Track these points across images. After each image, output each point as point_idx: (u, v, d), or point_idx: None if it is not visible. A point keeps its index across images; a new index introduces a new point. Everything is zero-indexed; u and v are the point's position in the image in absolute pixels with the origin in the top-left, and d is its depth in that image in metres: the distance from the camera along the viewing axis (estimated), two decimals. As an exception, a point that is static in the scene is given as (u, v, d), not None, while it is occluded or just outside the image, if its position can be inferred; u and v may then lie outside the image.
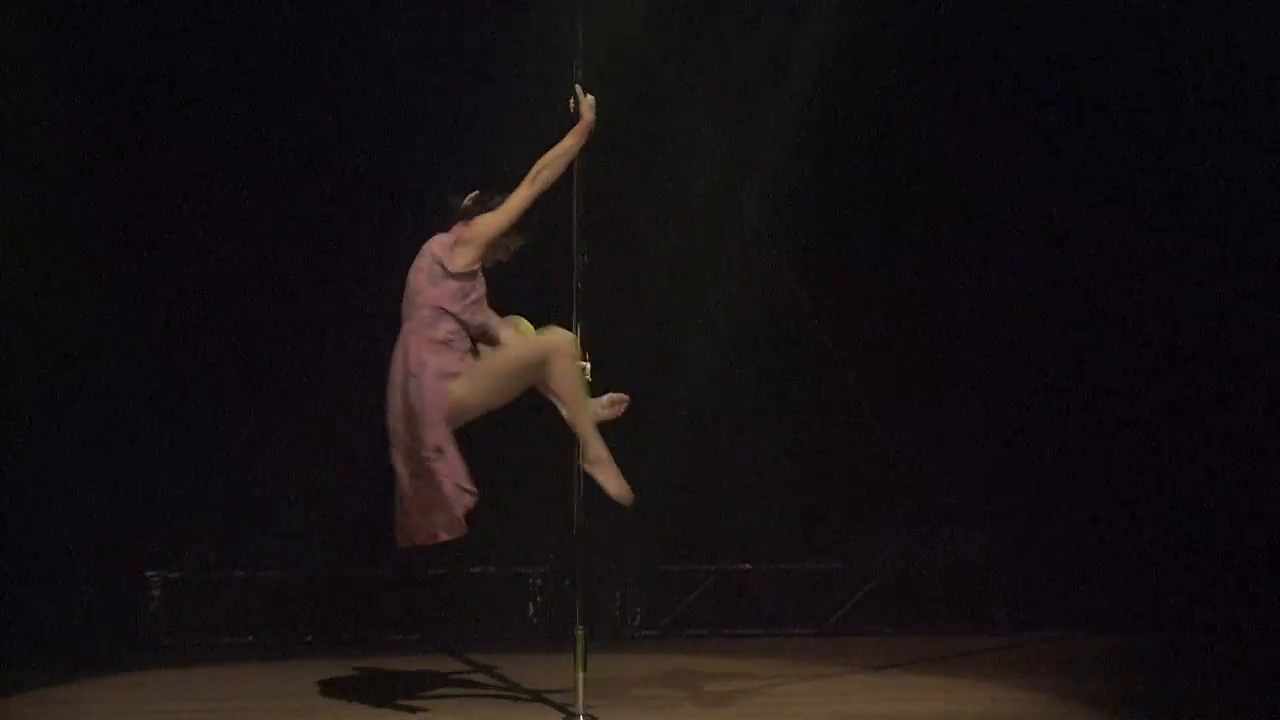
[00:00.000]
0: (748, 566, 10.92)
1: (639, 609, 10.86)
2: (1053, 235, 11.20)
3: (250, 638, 10.36)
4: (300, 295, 10.98)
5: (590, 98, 7.86)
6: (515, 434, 10.01)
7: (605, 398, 7.97)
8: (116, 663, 9.62)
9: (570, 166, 7.78)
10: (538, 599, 10.76)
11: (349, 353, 10.70)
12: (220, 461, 10.80)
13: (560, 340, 7.71)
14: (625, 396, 7.96)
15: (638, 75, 10.70)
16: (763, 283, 11.31)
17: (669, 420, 10.84)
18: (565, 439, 7.98)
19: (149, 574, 10.45)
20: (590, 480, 7.81)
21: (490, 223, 7.72)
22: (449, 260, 7.72)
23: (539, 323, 7.94)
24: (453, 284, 7.72)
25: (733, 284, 11.23)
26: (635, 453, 10.23)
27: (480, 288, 7.75)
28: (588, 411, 7.78)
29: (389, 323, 9.96)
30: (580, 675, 7.80)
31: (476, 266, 7.73)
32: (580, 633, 7.82)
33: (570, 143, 7.78)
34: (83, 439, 10.74)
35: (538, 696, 8.49)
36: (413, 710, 8.04)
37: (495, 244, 7.81)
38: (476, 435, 10.30)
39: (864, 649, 10.04)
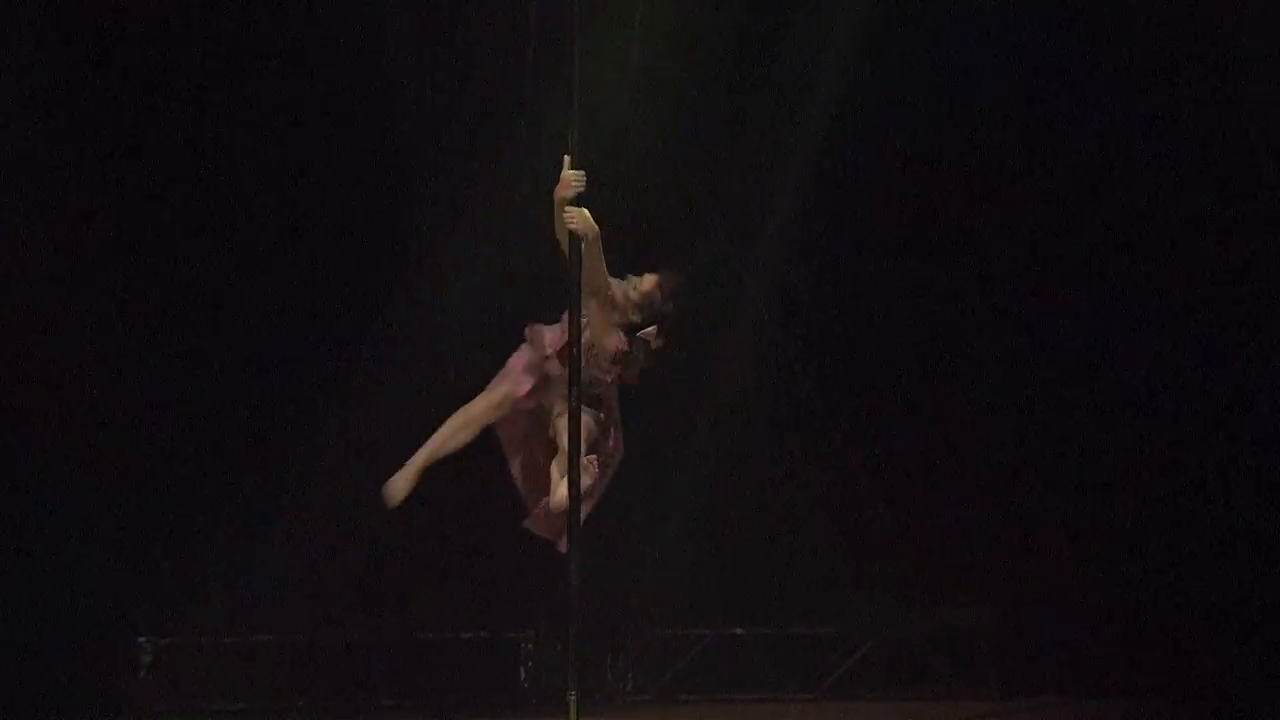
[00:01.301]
0: (741, 631, 10.93)
1: (631, 674, 10.83)
2: (1039, 313, 11.14)
3: (242, 705, 10.33)
4: (290, 359, 10.92)
5: (584, 211, 7.76)
6: (505, 500, 9.82)
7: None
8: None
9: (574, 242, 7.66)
10: (529, 664, 10.72)
11: (343, 419, 10.67)
12: (211, 526, 10.65)
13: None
14: (593, 460, 8.00)
15: (636, 141, 10.65)
16: (760, 355, 11.28)
17: (665, 487, 10.85)
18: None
19: (140, 640, 10.39)
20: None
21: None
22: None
23: None
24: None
25: (732, 357, 11.20)
26: (630, 520, 10.44)
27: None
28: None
29: (378, 391, 10.36)
30: (572, 741, 7.96)
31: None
32: (573, 698, 7.73)
33: (593, 255, 7.71)
34: (73, 501, 10.50)
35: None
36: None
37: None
38: (467, 501, 10.44)
39: (858, 714, 10.24)
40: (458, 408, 9.03)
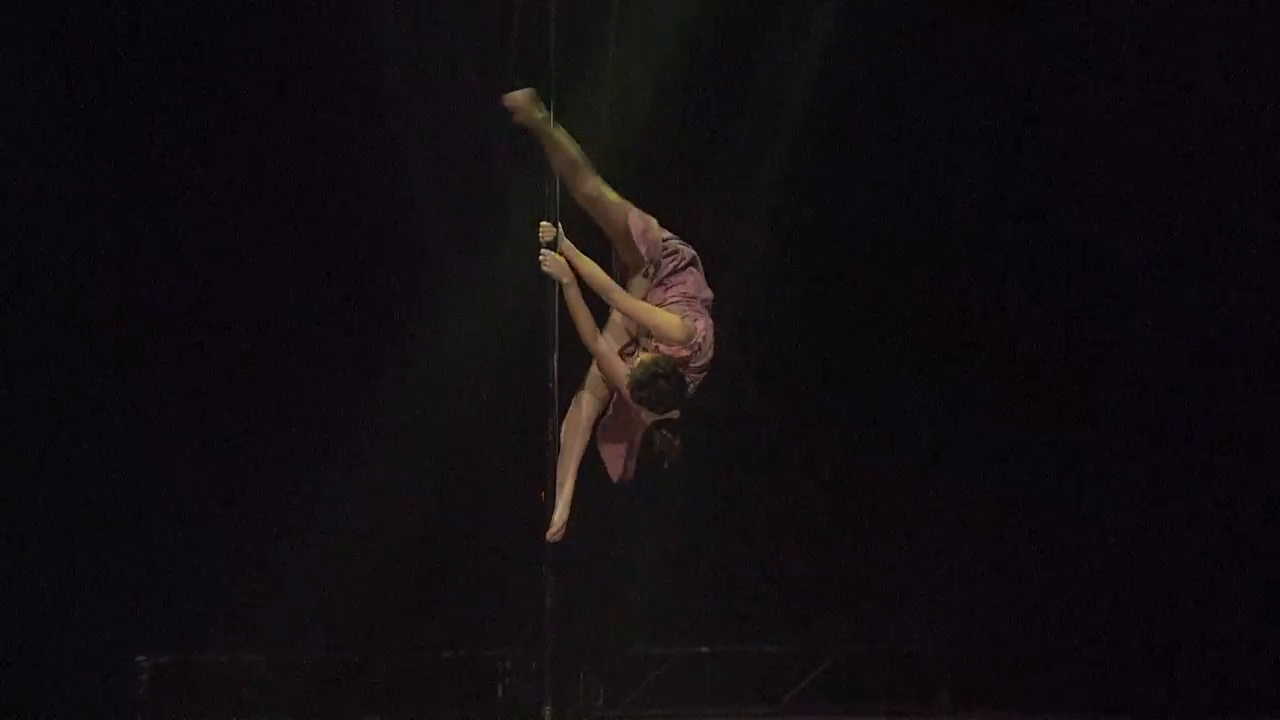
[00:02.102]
0: (705, 649, 11.02)
1: (603, 690, 10.86)
2: (1000, 344, 11.18)
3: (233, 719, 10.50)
4: (293, 386, 10.92)
5: (558, 256, 7.87)
6: (484, 522, 10.60)
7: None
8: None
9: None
10: (507, 681, 10.78)
11: (342, 449, 10.74)
12: (207, 552, 10.70)
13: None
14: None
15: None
16: (719, 388, 11.09)
17: (634, 514, 10.79)
18: (533, 527, 8.13)
19: (139, 659, 10.50)
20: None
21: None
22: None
23: None
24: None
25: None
26: (601, 545, 10.49)
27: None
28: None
29: (378, 422, 10.60)
30: (546, 754, 8.16)
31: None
32: (548, 713, 8.12)
33: (571, 299, 7.80)
34: (76, 524, 10.61)
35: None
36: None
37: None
38: (450, 532, 10.76)
39: None
40: (459, 434, 9.62)
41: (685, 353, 7.62)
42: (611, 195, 7.84)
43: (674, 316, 7.68)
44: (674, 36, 11.08)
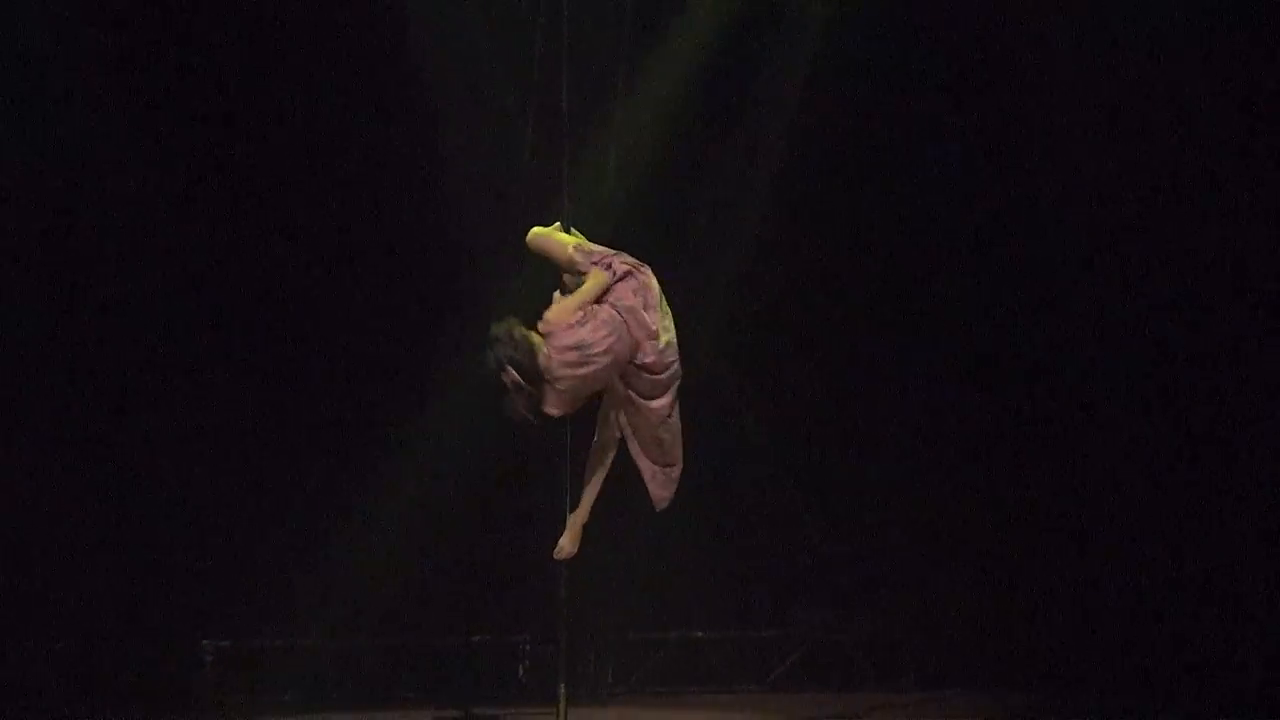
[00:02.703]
0: (701, 634, 11.38)
1: (611, 670, 11.22)
2: (972, 334, 11.35)
3: (287, 699, 10.75)
4: (334, 396, 11.10)
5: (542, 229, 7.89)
6: (508, 523, 10.90)
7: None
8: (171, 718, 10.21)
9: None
10: (526, 662, 11.12)
11: (390, 448, 10.95)
12: (262, 547, 10.88)
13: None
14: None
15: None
16: (702, 387, 10.79)
17: (639, 514, 10.25)
18: (552, 528, 8.22)
19: (204, 643, 10.83)
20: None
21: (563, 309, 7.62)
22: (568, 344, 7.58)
23: None
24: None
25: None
26: (608, 542, 9.81)
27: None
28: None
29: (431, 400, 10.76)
30: (563, 727, 8.41)
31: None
32: (563, 690, 8.43)
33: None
34: (142, 515, 10.87)
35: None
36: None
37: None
38: (475, 527, 10.94)
39: (799, 704, 10.60)
40: (489, 441, 9.67)
41: (545, 330, 7.52)
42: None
43: (570, 303, 7.62)
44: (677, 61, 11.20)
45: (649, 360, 7.63)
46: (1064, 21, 10.95)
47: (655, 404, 7.71)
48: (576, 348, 7.53)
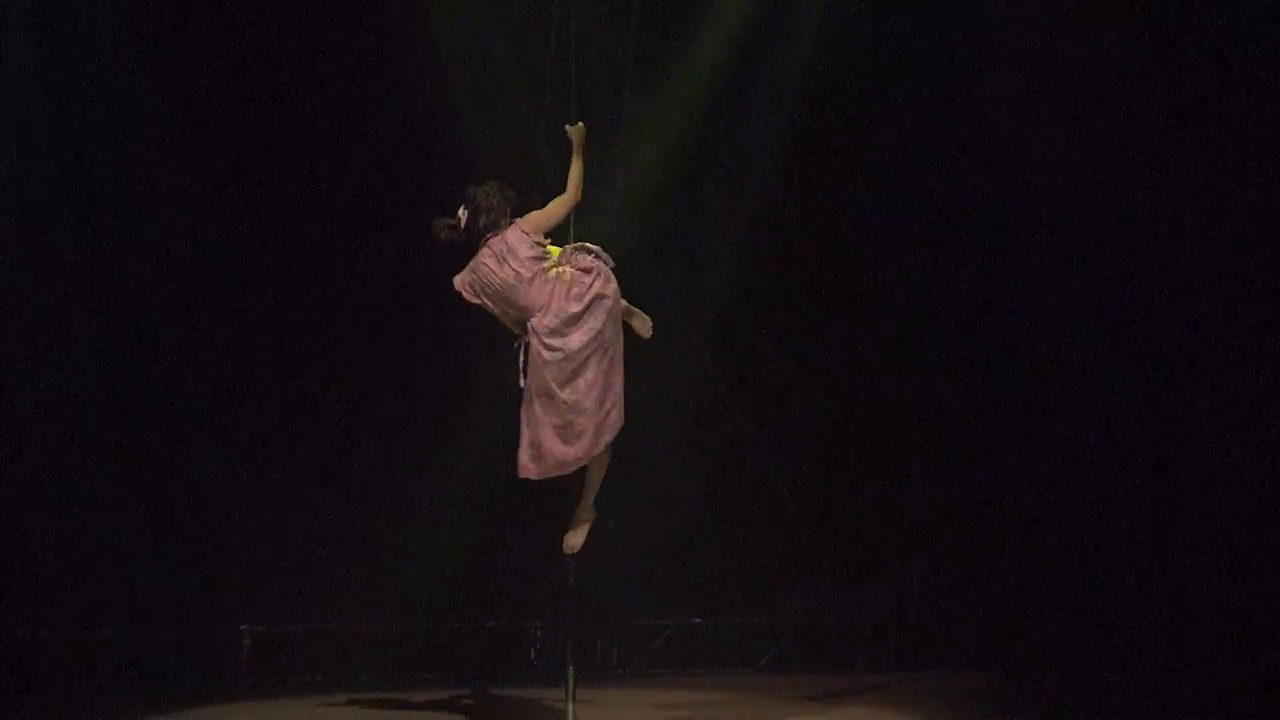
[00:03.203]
0: (699, 620, 11.54)
1: (616, 654, 11.41)
2: (957, 338, 11.55)
3: (319, 678, 10.98)
4: (376, 396, 11.28)
5: (580, 125, 8.52)
6: (521, 518, 10.99)
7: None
8: (212, 697, 10.37)
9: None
10: (538, 646, 11.31)
11: (414, 451, 11.16)
12: (297, 538, 11.16)
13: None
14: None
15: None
16: (697, 388, 11.53)
17: (641, 507, 11.27)
18: (563, 522, 8.73)
19: (242, 627, 11.06)
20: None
21: (546, 217, 8.45)
22: (534, 231, 8.42)
23: None
24: (542, 244, 8.47)
25: (670, 378, 11.28)
26: (615, 535, 10.80)
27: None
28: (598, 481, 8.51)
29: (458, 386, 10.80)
30: (571, 706, 8.79)
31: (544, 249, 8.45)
32: (571, 672, 8.73)
33: (579, 165, 8.50)
34: (184, 507, 11.04)
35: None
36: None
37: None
38: (494, 521, 11.10)
39: (789, 685, 10.76)
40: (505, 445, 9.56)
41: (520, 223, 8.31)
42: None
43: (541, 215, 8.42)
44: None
45: (541, 323, 8.32)
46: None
47: (564, 393, 8.33)
48: (511, 251, 8.33)
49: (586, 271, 8.48)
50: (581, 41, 9.03)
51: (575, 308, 8.37)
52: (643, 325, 8.64)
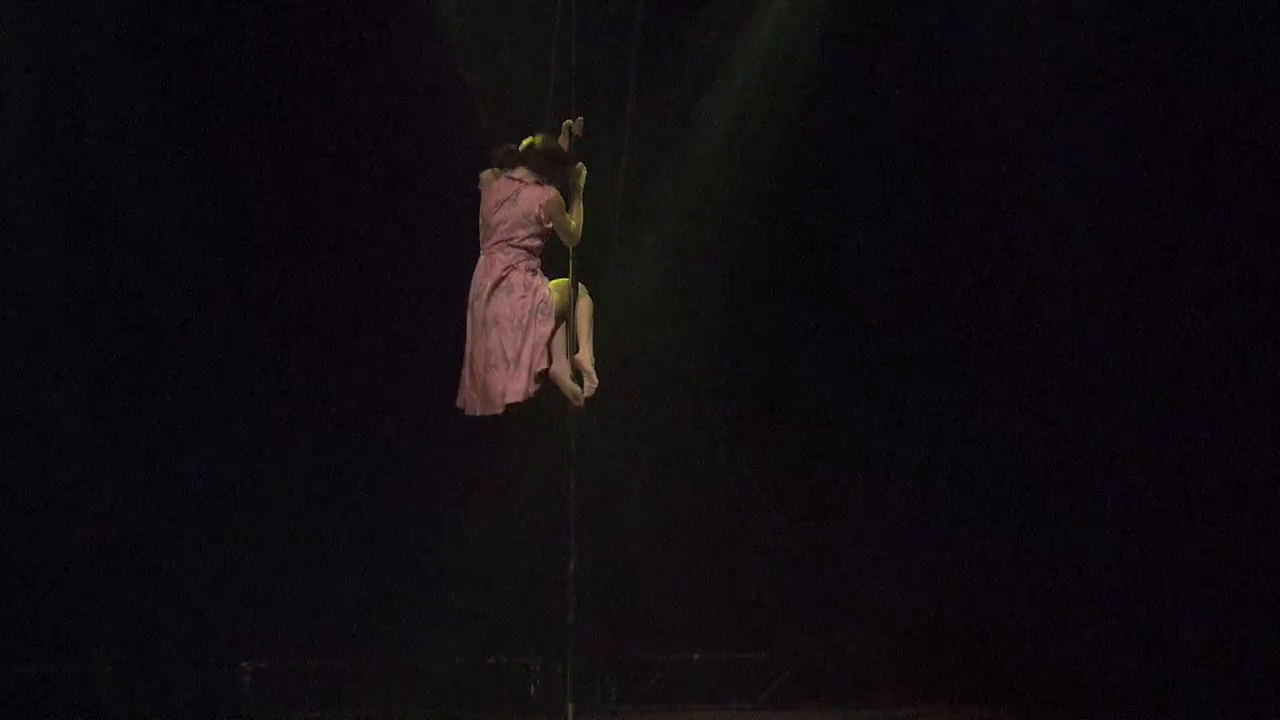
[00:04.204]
0: (696, 656, 11.63)
1: (614, 690, 11.46)
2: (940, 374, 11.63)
3: (317, 714, 10.95)
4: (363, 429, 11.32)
5: (580, 119, 8.58)
6: (521, 553, 11.17)
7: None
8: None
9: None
10: (537, 682, 11.33)
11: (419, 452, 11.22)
12: (295, 575, 11.21)
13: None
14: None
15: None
16: (680, 407, 11.60)
17: (639, 546, 11.45)
18: (561, 555, 8.69)
19: (242, 664, 11.07)
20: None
21: (564, 226, 8.51)
22: (545, 218, 8.49)
23: None
24: (540, 238, 8.56)
25: (663, 413, 11.46)
26: (613, 574, 11.12)
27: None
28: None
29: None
30: (570, 741, 8.72)
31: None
32: (570, 708, 8.79)
33: (579, 208, 8.53)
34: (185, 542, 11.06)
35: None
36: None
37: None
38: (491, 558, 11.15)
39: None
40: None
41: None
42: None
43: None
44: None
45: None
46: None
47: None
48: (521, 207, 8.53)
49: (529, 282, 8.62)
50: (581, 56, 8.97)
51: (493, 281, 8.56)
52: (575, 394, 8.61)
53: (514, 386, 8.32)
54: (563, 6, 8.73)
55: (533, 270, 8.52)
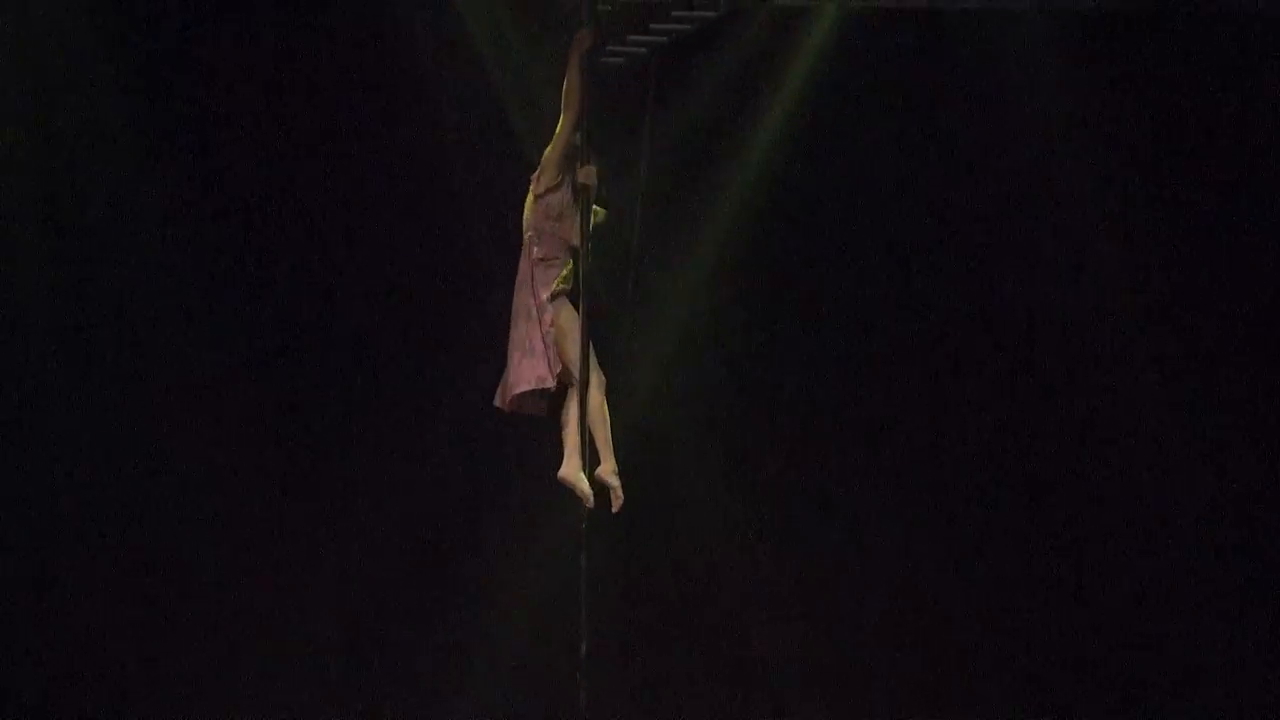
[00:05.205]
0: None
1: None
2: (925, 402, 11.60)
3: None
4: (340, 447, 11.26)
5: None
6: (526, 613, 11.21)
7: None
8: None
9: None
10: None
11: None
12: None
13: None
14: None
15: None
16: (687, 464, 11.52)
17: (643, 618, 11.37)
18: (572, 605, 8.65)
19: None
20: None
21: (549, 149, 8.36)
22: (535, 185, 8.43)
23: None
24: (540, 205, 8.43)
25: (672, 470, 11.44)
26: (622, 643, 11.09)
27: (562, 203, 8.40)
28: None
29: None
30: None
31: (557, 183, 8.39)
32: None
33: (574, 62, 8.31)
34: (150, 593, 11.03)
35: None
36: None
37: (565, 166, 8.36)
38: (503, 608, 11.17)
39: None
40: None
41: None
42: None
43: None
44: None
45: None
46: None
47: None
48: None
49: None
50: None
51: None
52: (587, 498, 8.54)
53: (527, 375, 8.35)
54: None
55: (543, 260, 8.43)
